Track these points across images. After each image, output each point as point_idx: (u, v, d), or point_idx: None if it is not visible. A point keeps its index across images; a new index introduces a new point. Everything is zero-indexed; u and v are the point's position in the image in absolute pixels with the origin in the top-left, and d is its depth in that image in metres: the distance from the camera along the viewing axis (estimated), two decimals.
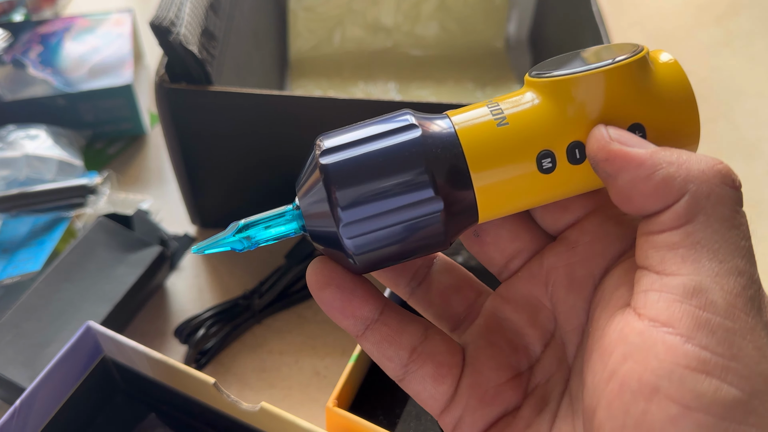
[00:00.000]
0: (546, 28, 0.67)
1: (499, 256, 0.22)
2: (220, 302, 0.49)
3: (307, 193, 0.20)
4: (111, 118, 0.60)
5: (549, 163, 0.19)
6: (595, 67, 0.19)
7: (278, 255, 0.52)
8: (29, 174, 0.52)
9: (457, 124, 0.20)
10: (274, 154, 0.48)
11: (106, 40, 0.63)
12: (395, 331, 0.20)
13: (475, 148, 0.20)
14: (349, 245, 0.19)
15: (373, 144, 0.19)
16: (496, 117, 0.20)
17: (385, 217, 0.19)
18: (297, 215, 0.20)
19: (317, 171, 0.19)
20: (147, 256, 0.46)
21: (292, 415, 0.34)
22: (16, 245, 0.49)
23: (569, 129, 0.20)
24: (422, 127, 0.19)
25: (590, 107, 0.19)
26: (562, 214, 0.21)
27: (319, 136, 0.20)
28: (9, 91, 0.58)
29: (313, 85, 0.67)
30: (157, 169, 0.60)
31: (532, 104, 0.20)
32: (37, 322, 0.42)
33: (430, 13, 0.70)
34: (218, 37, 0.47)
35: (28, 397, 0.35)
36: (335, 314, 0.20)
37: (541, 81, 0.20)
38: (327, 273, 0.20)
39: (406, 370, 0.21)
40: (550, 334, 0.21)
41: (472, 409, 0.20)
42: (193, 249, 0.21)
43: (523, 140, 0.20)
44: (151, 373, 0.39)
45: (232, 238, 0.21)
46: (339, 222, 0.19)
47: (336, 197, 0.19)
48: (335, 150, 0.19)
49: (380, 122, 0.20)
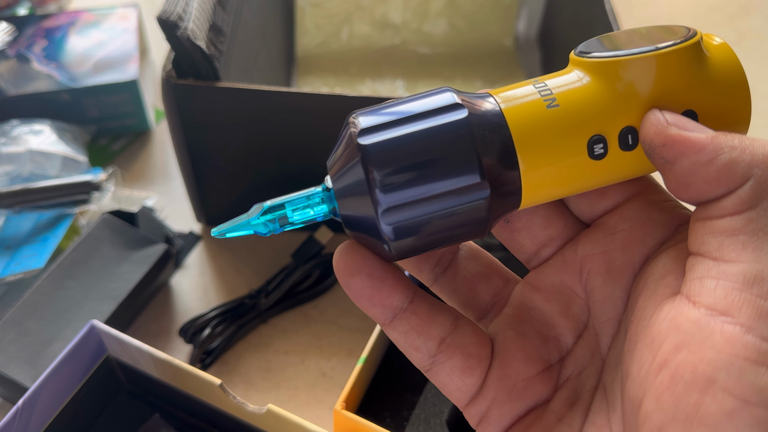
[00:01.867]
0: (556, 26, 0.66)
1: (530, 243, 0.21)
2: (225, 301, 0.48)
3: (342, 174, 0.18)
4: (116, 114, 0.60)
5: (601, 149, 0.19)
6: (651, 49, 0.18)
7: (284, 254, 0.51)
8: (33, 170, 0.51)
9: (504, 104, 0.19)
10: (281, 151, 0.47)
11: (111, 35, 0.62)
12: (425, 321, 0.20)
13: (524, 130, 0.18)
14: (387, 232, 0.18)
15: (415, 124, 0.18)
16: (545, 98, 0.19)
17: (428, 204, 0.18)
18: (328, 197, 0.19)
19: (355, 152, 0.18)
20: (152, 254, 0.46)
21: (299, 418, 0.34)
22: (19, 242, 0.48)
23: (622, 113, 0.19)
24: (467, 107, 0.18)
25: (643, 91, 0.19)
26: (599, 200, 0.20)
27: (352, 114, 0.19)
28: (13, 85, 0.57)
29: (320, 81, 0.67)
30: (161, 166, 0.60)
31: (582, 85, 0.19)
32: (39, 320, 0.42)
33: (438, 11, 0.69)
34: (226, 33, 0.46)
35: (31, 396, 0.35)
36: (363, 302, 0.19)
37: (591, 61, 0.19)
38: (357, 259, 0.19)
39: (434, 360, 0.20)
40: (582, 324, 0.21)
41: (500, 403, 0.20)
42: (213, 231, 0.20)
43: (575, 124, 0.19)
44: (156, 373, 0.38)
45: (256, 220, 0.19)
46: (378, 207, 0.18)
47: (376, 181, 0.17)
48: (375, 130, 0.18)
49: (420, 100, 0.19)
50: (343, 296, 0.49)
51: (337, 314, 0.49)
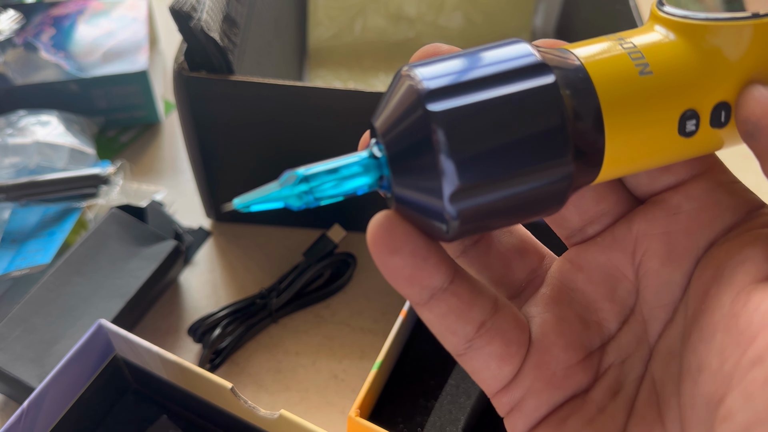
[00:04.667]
0: (575, 22, 0.65)
1: (577, 218, 0.19)
2: (234, 300, 0.47)
3: (400, 144, 0.16)
4: (124, 105, 0.58)
5: (693, 126, 0.17)
6: (750, 16, 0.16)
7: (295, 251, 0.50)
8: (40, 162, 0.50)
9: (589, 66, 0.16)
10: (293, 145, 0.46)
11: (120, 24, 0.61)
12: (466, 303, 0.17)
13: (613, 99, 0.16)
14: (452, 213, 0.15)
15: (493, 88, 0.15)
16: (636, 62, 0.16)
17: (505, 184, 0.15)
18: (374, 165, 0.16)
19: (422, 119, 0.15)
20: (161, 251, 0.45)
21: (312, 425, 0.33)
22: (25, 235, 0.47)
23: (718, 86, 0.17)
24: (552, 68, 0.16)
25: (743, 63, 0.16)
26: (661, 174, 0.18)
27: (407, 67, 0.16)
28: (20, 74, 0.56)
29: (332, 75, 0.65)
30: (170, 159, 0.58)
31: (675, 50, 0.17)
32: (46, 317, 0.41)
33: (454, 4, 0.68)
34: (240, 24, 0.45)
35: (37, 397, 0.34)
36: (401, 282, 0.17)
37: (680, 21, 0.17)
38: (398, 236, 0.16)
39: (470, 345, 0.18)
40: (628, 309, 0.19)
41: (536, 392, 0.18)
42: (236, 203, 0.16)
43: (669, 96, 0.16)
44: (165, 374, 0.37)
45: (289, 191, 0.16)
46: (448, 187, 0.15)
47: (449, 157, 0.15)
48: (445, 93, 0.15)
49: (492, 53, 0.16)
50: (356, 297, 0.48)
51: (348, 315, 0.47)
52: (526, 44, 0.16)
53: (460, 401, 0.37)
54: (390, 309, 0.48)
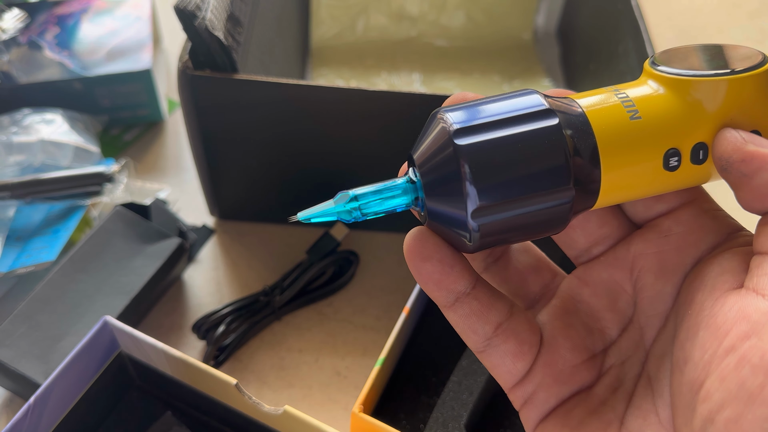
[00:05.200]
0: (577, 20, 0.65)
1: (584, 239, 0.23)
2: (238, 297, 0.48)
3: (433, 171, 0.19)
4: (128, 104, 0.59)
5: (675, 162, 0.20)
6: (727, 72, 0.20)
7: (297, 249, 0.50)
8: (44, 160, 0.51)
9: (588, 110, 0.20)
10: (296, 143, 0.46)
11: (124, 23, 0.61)
12: (486, 306, 0.21)
13: (608, 138, 0.20)
14: (474, 228, 0.19)
15: (509, 128, 0.19)
16: (628, 108, 0.20)
17: (517, 205, 0.19)
18: (411, 189, 0.20)
19: (451, 151, 0.19)
20: (165, 248, 0.45)
21: (316, 420, 0.33)
22: (30, 233, 0.47)
23: (697, 129, 0.20)
24: (557, 113, 0.19)
25: (716, 110, 0.20)
26: (655, 203, 0.22)
27: (439, 111, 0.20)
28: (24, 73, 0.56)
29: (335, 74, 0.66)
30: (174, 157, 0.59)
31: (661, 100, 0.20)
32: (51, 314, 0.41)
33: (456, 3, 0.68)
34: (244, 23, 0.45)
35: (43, 393, 0.34)
36: (430, 285, 0.20)
37: (668, 77, 0.20)
38: (429, 246, 0.20)
39: (489, 343, 0.21)
40: (627, 319, 0.22)
41: (546, 387, 0.21)
42: (300, 216, 0.20)
43: (655, 137, 0.20)
44: (169, 370, 0.37)
45: (342, 207, 0.20)
46: (470, 207, 0.19)
47: (471, 181, 0.18)
48: (470, 131, 0.19)
49: (510, 103, 0.20)
50: (358, 294, 0.49)
51: (351, 312, 0.48)
52: (537, 95, 0.20)
53: (463, 398, 0.38)
54: (392, 306, 0.48)
